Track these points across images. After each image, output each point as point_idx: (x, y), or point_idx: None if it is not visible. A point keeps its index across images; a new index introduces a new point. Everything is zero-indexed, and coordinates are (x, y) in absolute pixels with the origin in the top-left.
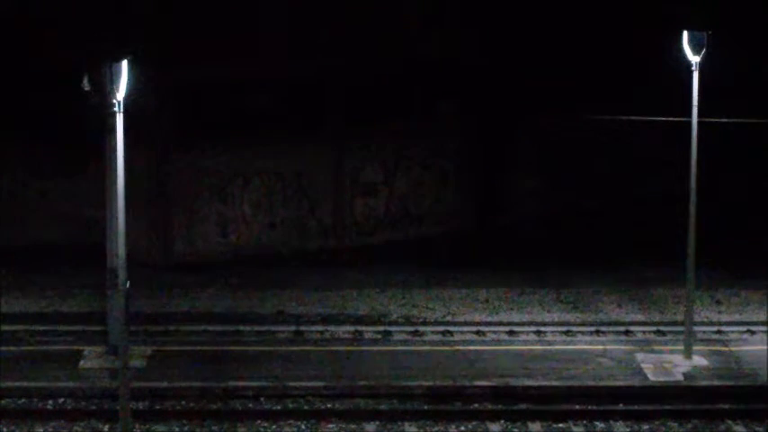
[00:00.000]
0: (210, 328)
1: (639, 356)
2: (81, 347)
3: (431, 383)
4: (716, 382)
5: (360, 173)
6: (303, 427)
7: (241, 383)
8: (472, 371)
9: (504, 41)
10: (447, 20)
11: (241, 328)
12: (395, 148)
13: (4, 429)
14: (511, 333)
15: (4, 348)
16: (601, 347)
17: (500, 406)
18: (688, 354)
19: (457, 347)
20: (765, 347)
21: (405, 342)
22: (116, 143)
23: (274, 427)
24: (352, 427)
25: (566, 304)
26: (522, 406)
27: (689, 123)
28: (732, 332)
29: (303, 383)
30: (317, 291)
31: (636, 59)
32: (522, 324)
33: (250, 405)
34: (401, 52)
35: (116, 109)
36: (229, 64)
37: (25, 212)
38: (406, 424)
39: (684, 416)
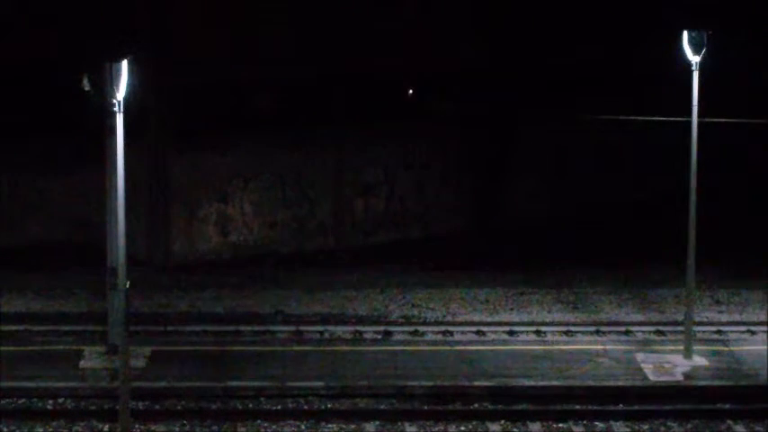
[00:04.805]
0: (210, 328)
1: (639, 356)
2: (81, 347)
3: (431, 383)
4: (716, 383)
5: (360, 173)
6: (303, 427)
7: (241, 383)
8: (472, 371)
9: (504, 41)
10: (447, 20)
11: (241, 328)
12: (395, 148)
13: (5, 429)
14: (511, 333)
15: (4, 348)
16: (601, 347)
17: (500, 406)
18: (688, 354)
19: (457, 347)
20: (765, 347)
21: (405, 342)
22: (116, 143)
23: (274, 427)
24: (352, 427)
25: (566, 304)
26: (522, 406)
27: (689, 123)
28: (732, 332)
29: (303, 383)
30: (317, 291)
31: (636, 59)
32: (522, 324)
33: (250, 405)
34: (401, 53)
35: (116, 109)
36: (230, 64)
37: (25, 212)
38: (406, 424)
39: (684, 416)
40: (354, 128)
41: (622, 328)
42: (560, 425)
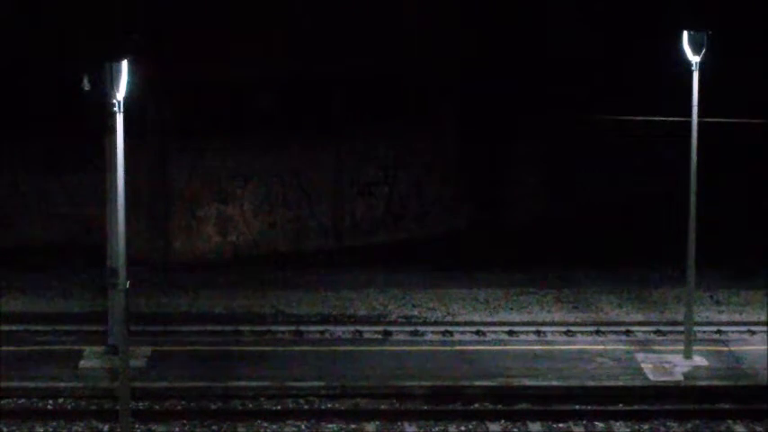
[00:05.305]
0: (210, 328)
1: (639, 356)
2: (81, 347)
3: (431, 383)
4: (716, 382)
5: (360, 173)
6: (303, 427)
7: (241, 383)
8: (472, 371)
9: (503, 41)
10: (446, 19)
11: (241, 328)
12: (395, 147)
13: (4, 429)
14: (511, 333)
15: (4, 348)
16: (601, 347)
17: (500, 406)
18: (688, 354)
19: (457, 347)
20: (765, 347)
21: (405, 342)
22: (116, 143)
23: (274, 427)
24: (352, 427)
25: (566, 304)
26: (522, 406)
27: (689, 123)
28: (732, 332)
29: (303, 383)
30: (316, 291)
31: (636, 59)
32: (522, 324)
33: (250, 405)
34: (401, 52)
35: (116, 109)
36: (229, 64)
37: (25, 212)
38: (406, 424)
39: (684, 416)
40: (354, 128)
41: (622, 328)
42: (560, 425)
